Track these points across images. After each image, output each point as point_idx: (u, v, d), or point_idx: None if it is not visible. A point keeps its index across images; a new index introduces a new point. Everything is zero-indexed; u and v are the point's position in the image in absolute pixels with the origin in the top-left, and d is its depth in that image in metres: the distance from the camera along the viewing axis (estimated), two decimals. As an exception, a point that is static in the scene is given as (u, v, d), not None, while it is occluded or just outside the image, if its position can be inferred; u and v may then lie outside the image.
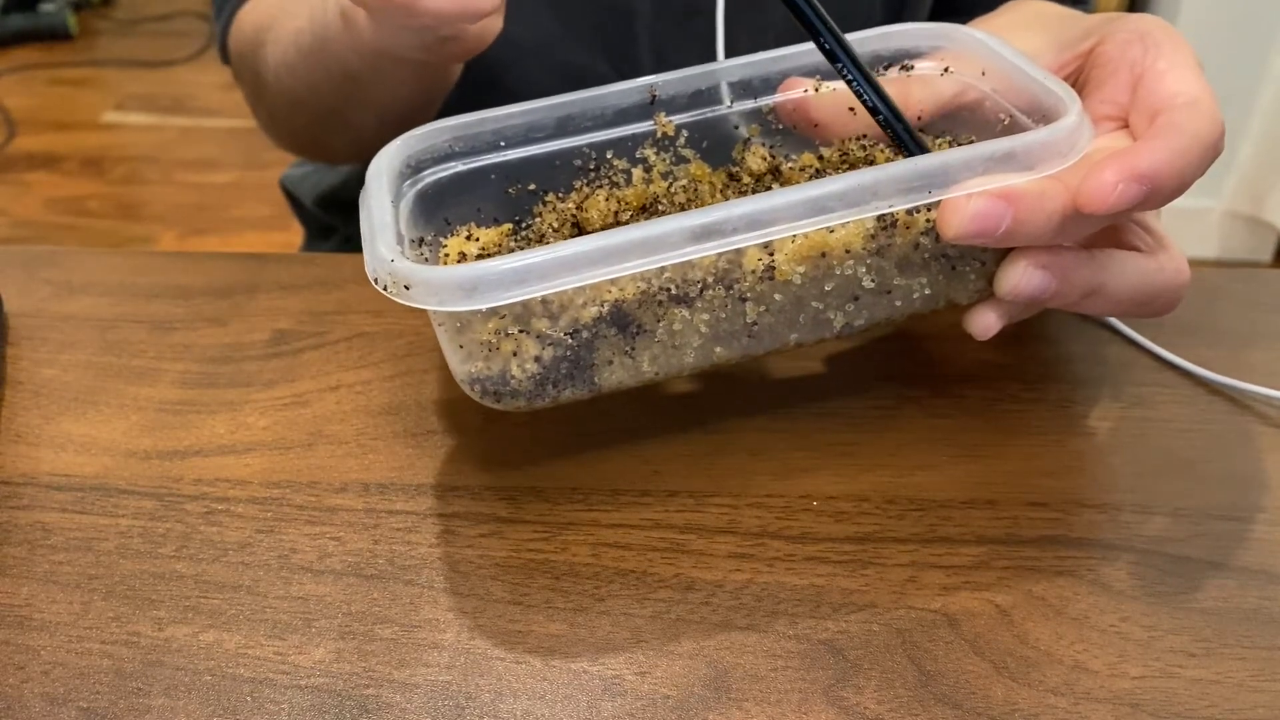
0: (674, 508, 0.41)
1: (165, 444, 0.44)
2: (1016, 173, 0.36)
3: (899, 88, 0.44)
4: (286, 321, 0.51)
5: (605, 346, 0.38)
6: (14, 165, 2.14)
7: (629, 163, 0.44)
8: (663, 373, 0.39)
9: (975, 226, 0.35)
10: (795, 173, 0.43)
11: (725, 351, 0.39)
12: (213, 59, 2.48)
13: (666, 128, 0.44)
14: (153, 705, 0.34)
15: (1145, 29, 0.41)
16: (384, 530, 0.40)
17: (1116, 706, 0.34)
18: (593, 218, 0.42)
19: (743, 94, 0.44)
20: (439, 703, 0.34)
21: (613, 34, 0.63)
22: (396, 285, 0.35)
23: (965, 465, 0.42)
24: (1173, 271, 0.40)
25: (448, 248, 0.41)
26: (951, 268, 0.40)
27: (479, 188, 0.43)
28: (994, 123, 0.42)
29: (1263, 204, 1.73)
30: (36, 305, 0.52)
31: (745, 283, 0.38)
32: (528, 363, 0.37)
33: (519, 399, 0.38)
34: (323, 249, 0.79)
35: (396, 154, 0.41)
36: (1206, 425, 0.44)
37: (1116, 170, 0.35)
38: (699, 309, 0.38)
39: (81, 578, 0.39)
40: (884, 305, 0.40)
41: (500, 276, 0.34)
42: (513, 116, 0.43)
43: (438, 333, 0.38)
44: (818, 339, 0.40)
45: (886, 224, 0.38)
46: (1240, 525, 0.40)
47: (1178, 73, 0.39)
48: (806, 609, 0.37)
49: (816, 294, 0.39)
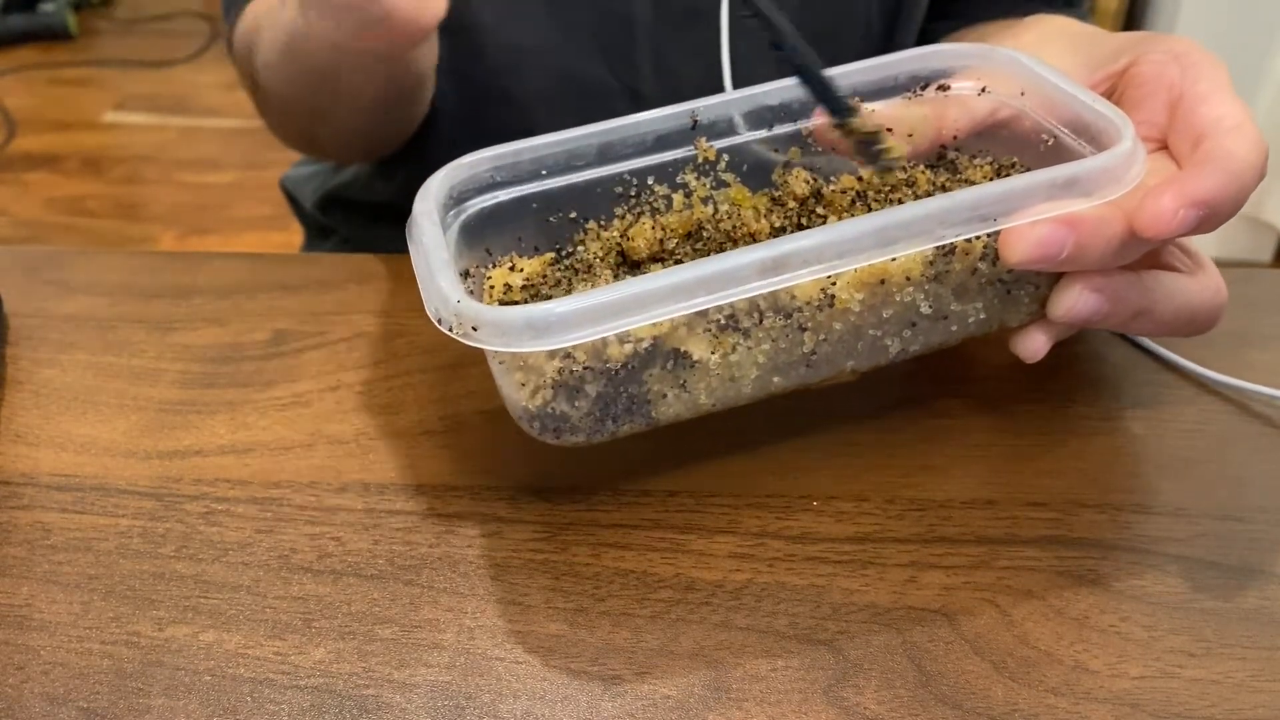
0: (674, 508, 0.41)
1: (165, 444, 0.44)
2: (1076, 199, 0.37)
3: (934, 108, 0.44)
4: (286, 321, 0.51)
5: (663, 381, 0.38)
6: (14, 165, 2.14)
7: (669, 188, 0.43)
8: (720, 404, 0.39)
9: (1039, 253, 0.36)
10: (837, 195, 0.42)
11: (783, 381, 0.39)
12: (213, 59, 2.49)
13: (708, 152, 0.44)
14: (153, 705, 0.34)
15: (1181, 50, 0.41)
16: (384, 530, 0.40)
17: (1116, 706, 0.34)
18: (639, 246, 0.41)
19: (782, 118, 0.44)
20: (439, 703, 0.34)
21: (612, 40, 0.63)
22: (463, 326, 0.35)
23: (965, 465, 0.42)
24: (1213, 291, 0.41)
25: (492, 279, 0.41)
26: (1007, 292, 0.40)
27: (520, 217, 0.43)
28: (1036, 143, 0.42)
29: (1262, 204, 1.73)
30: (36, 305, 0.52)
31: (804, 312, 0.38)
32: (588, 400, 0.37)
33: (578, 435, 0.38)
34: (323, 249, 0.79)
35: (441, 185, 0.41)
36: (1207, 425, 0.44)
37: (1175, 196, 0.36)
38: (758, 339, 0.38)
39: (81, 578, 0.39)
40: (940, 331, 0.40)
41: (570, 317, 0.34)
42: (554, 145, 0.43)
43: (494, 368, 0.38)
44: (873, 365, 0.41)
45: (945, 250, 0.38)
46: (1240, 525, 0.40)
47: (1219, 95, 0.39)
48: (806, 609, 0.37)
49: (875, 321, 0.39)
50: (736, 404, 0.40)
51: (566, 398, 0.37)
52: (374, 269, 0.54)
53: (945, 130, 0.44)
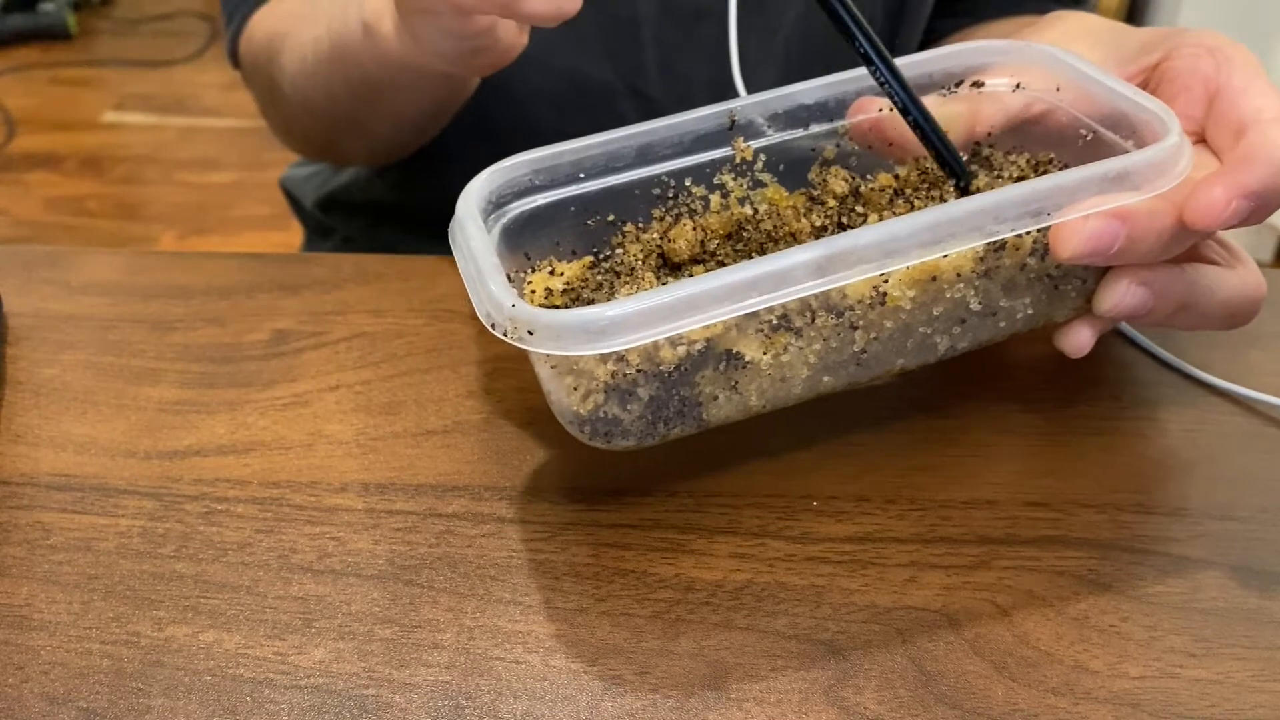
0: (674, 508, 0.41)
1: (165, 444, 0.44)
2: (1126, 193, 0.37)
3: (968, 105, 0.44)
4: (286, 321, 0.51)
5: (715, 383, 0.38)
6: (14, 165, 2.14)
7: (706, 189, 0.43)
8: (770, 405, 0.39)
9: (1091, 246, 0.36)
10: (875, 193, 0.42)
11: (833, 380, 0.39)
12: (213, 59, 2.49)
13: (745, 153, 0.43)
14: (153, 705, 0.34)
15: (1214, 44, 0.41)
16: (384, 530, 0.40)
17: (1116, 706, 0.34)
18: (680, 248, 0.41)
19: (819, 116, 0.44)
20: (439, 703, 0.34)
21: (618, 40, 0.63)
22: (518, 330, 0.34)
23: (965, 465, 0.42)
24: (1253, 284, 0.41)
25: (532, 284, 0.41)
26: (1055, 287, 0.40)
27: (557, 220, 0.43)
28: (1074, 138, 0.42)
29: (1263, 204, 1.73)
30: (36, 305, 0.52)
31: (856, 310, 0.37)
32: (640, 403, 0.37)
33: (629, 439, 0.38)
34: (323, 249, 0.79)
35: (481, 190, 0.41)
36: (1206, 425, 0.44)
37: (1227, 189, 0.36)
38: (810, 339, 0.38)
39: (81, 578, 0.39)
40: (988, 327, 0.40)
41: (625, 319, 0.33)
42: (592, 147, 0.42)
43: (543, 373, 0.38)
44: (921, 364, 0.41)
45: (996, 246, 0.38)
46: (1240, 525, 0.40)
47: (1257, 87, 0.39)
48: (806, 609, 0.37)
49: (925, 319, 0.39)
50: (786, 404, 0.40)
51: (619, 401, 0.37)
52: (374, 269, 0.54)
53: (980, 127, 0.44)
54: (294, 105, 0.63)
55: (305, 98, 0.61)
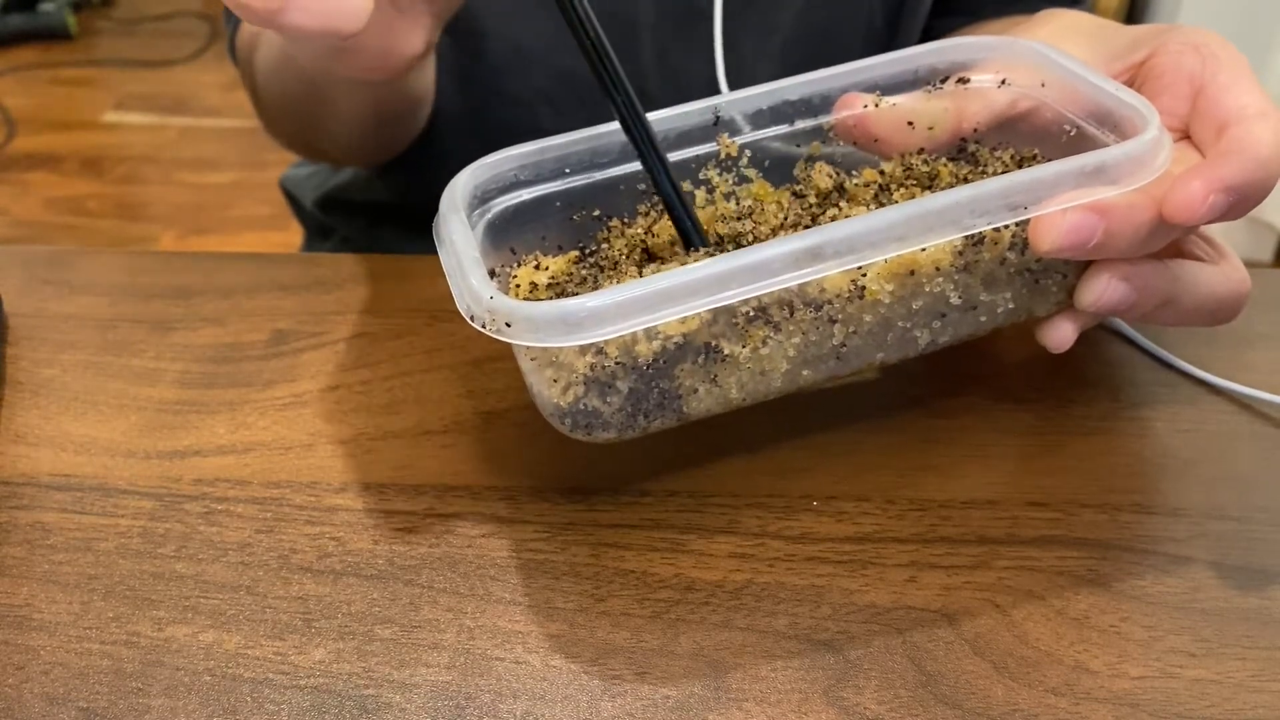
0: (674, 508, 0.41)
1: (165, 444, 0.44)
2: (1104, 187, 0.37)
3: (954, 101, 0.44)
4: (286, 321, 0.51)
5: (694, 375, 0.38)
6: (14, 165, 2.14)
7: (691, 184, 0.43)
8: (750, 399, 0.39)
9: (1069, 240, 0.36)
10: (860, 189, 0.42)
11: (812, 374, 0.39)
12: (213, 59, 2.49)
13: (730, 148, 0.43)
14: (152, 705, 0.34)
15: (1200, 40, 0.41)
16: (384, 530, 0.40)
17: (1116, 706, 0.34)
18: (665, 242, 0.41)
19: (804, 113, 0.44)
20: (439, 703, 0.34)
21: (615, 40, 0.63)
22: (495, 322, 0.35)
23: (965, 465, 0.42)
24: (1237, 280, 0.41)
25: (518, 278, 0.41)
26: (1035, 281, 0.40)
27: (543, 215, 0.43)
28: (1057, 134, 0.42)
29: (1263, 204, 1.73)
30: (36, 305, 0.52)
31: (834, 304, 0.38)
32: (620, 396, 0.37)
33: (609, 431, 0.38)
34: (323, 249, 0.79)
35: (466, 185, 0.41)
36: (1206, 425, 0.44)
37: (1205, 182, 0.36)
38: (789, 333, 0.38)
39: (81, 578, 0.39)
40: (969, 321, 0.40)
41: (603, 311, 0.34)
42: (577, 143, 0.42)
43: (525, 365, 0.38)
44: (902, 358, 0.41)
45: (974, 240, 0.38)
46: (1240, 525, 0.40)
47: (1242, 84, 0.39)
48: (806, 609, 0.37)
49: (904, 313, 0.39)
50: (766, 398, 0.40)
51: (598, 394, 0.37)
52: (374, 269, 0.54)
53: (965, 123, 0.44)
54: (269, 103, 0.64)
55: (274, 96, 0.62)
